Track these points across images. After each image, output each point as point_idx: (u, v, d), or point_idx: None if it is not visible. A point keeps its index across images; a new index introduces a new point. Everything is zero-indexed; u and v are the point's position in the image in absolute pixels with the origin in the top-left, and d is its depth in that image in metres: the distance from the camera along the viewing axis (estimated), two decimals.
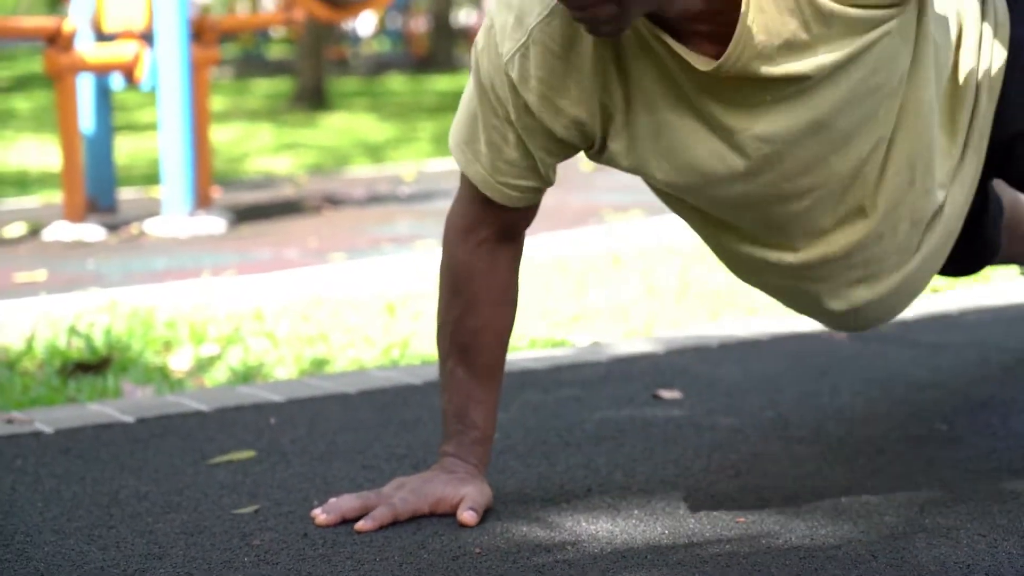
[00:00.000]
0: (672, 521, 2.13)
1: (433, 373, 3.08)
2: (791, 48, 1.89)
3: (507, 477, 2.37)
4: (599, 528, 2.11)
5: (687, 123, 1.99)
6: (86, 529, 2.16)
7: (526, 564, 1.96)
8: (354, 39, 24.44)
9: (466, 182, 2.16)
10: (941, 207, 2.17)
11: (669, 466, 2.42)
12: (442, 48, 21.95)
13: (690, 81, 1.95)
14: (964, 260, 2.40)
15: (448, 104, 14.62)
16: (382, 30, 28.26)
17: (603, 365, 3.22)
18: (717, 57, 1.91)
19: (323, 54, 15.50)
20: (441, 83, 18.15)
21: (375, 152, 10.34)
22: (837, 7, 1.87)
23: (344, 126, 12.58)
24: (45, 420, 2.78)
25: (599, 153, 2.08)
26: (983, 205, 2.33)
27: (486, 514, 2.17)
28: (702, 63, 1.91)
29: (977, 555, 1.95)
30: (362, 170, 9.11)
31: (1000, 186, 2.47)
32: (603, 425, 2.68)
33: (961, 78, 2.13)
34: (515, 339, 3.57)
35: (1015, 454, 2.43)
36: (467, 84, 2.11)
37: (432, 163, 9.30)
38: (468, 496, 2.15)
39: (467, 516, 2.12)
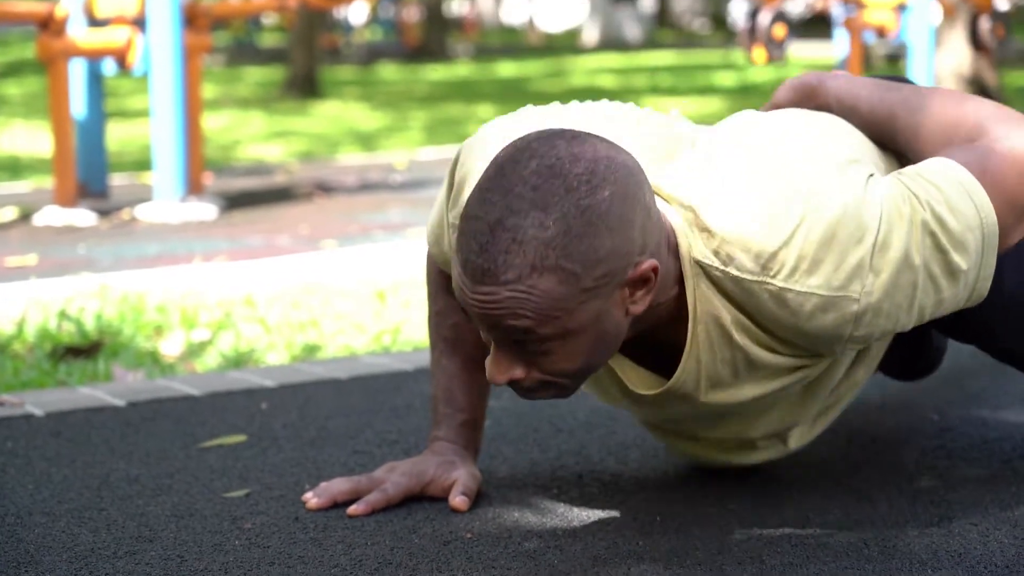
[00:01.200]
0: (663, 508, 2.13)
1: (424, 360, 3.08)
2: (719, 386, 1.96)
3: (499, 463, 2.37)
4: (590, 515, 2.11)
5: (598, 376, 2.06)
6: (77, 511, 2.15)
7: (517, 549, 1.96)
8: (347, 28, 24.39)
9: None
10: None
11: (660, 454, 2.42)
12: (434, 38, 21.95)
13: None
14: (906, 370, 2.49)
15: (440, 93, 14.62)
16: (375, 19, 28.24)
17: None
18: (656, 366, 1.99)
19: (315, 42, 15.47)
20: (433, 72, 18.14)
21: (367, 141, 10.33)
22: (766, 356, 1.92)
23: (336, 114, 12.56)
24: (36, 403, 2.78)
25: None
26: (917, 342, 2.39)
27: (477, 499, 2.17)
28: (641, 385, 1.99)
29: (968, 544, 1.95)
30: (354, 158, 9.10)
31: None
32: (595, 412, 2.68)
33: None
34: None
35: (1006, 444, 2.43)
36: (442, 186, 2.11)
37: (424, 152, 9.29)
38: (459, 481, 2.15)
39: (459, 501, 2.12)
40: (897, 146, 2.06)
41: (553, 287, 1.72)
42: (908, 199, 1.86)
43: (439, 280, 2.23)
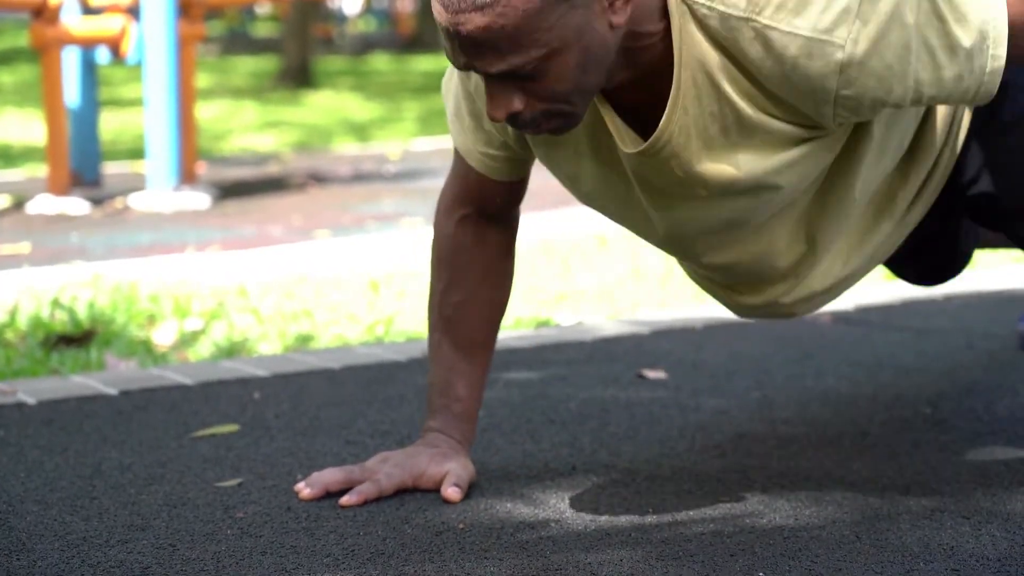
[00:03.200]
0: (656, 500, 2.13)
1: (417, 350, 3.08)
2: (711, 151, 1.90)
3: (492, 454, 2.37)
4: (583, 506, 2.11)
5: (606, 174, 2.02)
6: (69, 500, 2.15)
7: (509, 540, 1.96)
8: (340, 18, 24.37)
9: (456, 155, 2.17)
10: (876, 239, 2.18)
11: (654, 445, 2.42)
12: (428, 28, 21.90)
13: (617, 150, 1.98)
14: (926, 272, 2.42)
15: (434, 84, 14.60)
16: (368, 9, 28.21)
17: (588, 345, 3.21)
18: (645, 137, 1.92)
19: (309, 32, 15.46)
20: (427, 63, 18.12)
21: (360, 131, 10.32)
22: (761, 116, 1.87)
23: (329, 105, 12.56)
24: (28, 391, 2.78)
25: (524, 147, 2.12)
26: (946, 227, 2.32)
27: (470, 490, 2.16)
28: (629, 142, 1.93)
29: (960, 537, 1.96)
30: (347, 148, 9.09)
31: None
32: (588, 404, 2.68)
33: (926, 136, 2.11)
34: None
35: (999, 438, 2.43)
36: None
37: (417, 142, 9.28)
38: (452, 472, 2.15)
39: (451, 492, 2.12)
40: None
41: (528, 2, 1.72)
42: None
43: (440, 256, 2.22)
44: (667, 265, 4.43)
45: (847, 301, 3.56)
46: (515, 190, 2.19)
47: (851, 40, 1.78)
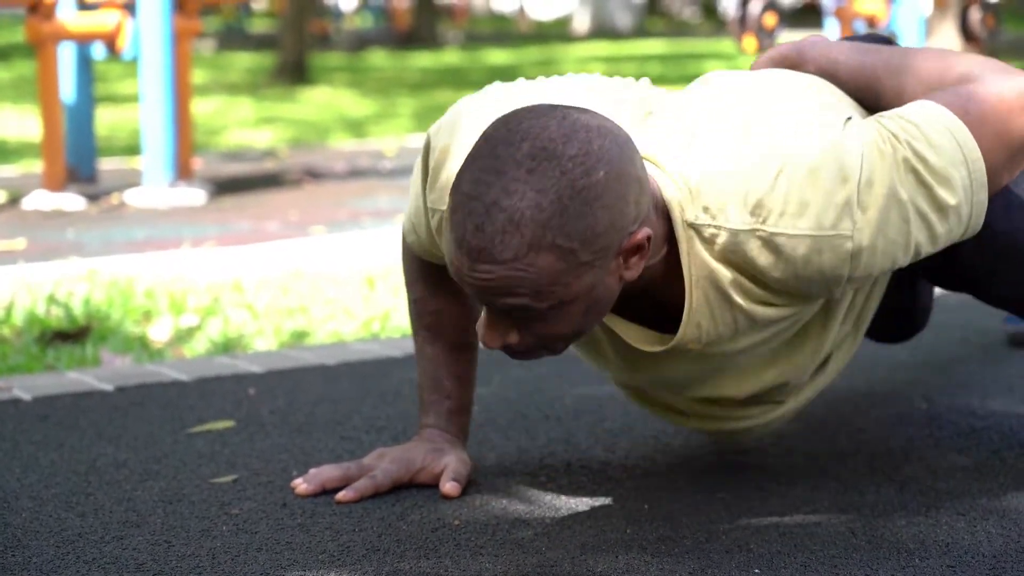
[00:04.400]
0: (651, 496, 2.13)
1: (412, 346, 3.07)
2: (718, 343, 1.96)
3: (487, 450, 2.37)
4: (578, 502, 2.11)
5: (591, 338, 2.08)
6: (64, 496, 2.15)
7: (505, 537, 1.96)
8: (337, 14, 24.33)
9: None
10: (833, 353, 2.21)
11: (649, 442, 2.42)
12: (425, 24, 21.89)
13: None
14: (891, 333, 2.50)
15: (430, 80, 14.59)
16: (365, 5, 28.17)
17: None
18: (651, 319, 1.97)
19: (305, 28, 15.44)
20: (423, 59, 18.10)
21: (356, 127, 10.31)
22: (764, 311, 1.92)
23: (325, 101, 12.54)
24: (24, 387, 2.77)
25: None
26: (908, 297, 2.37)
27: (466, 487, 2.16)
28: (645, 343, 1.98)
29: (956, 533, 1.96)
30: (343, 144, 9.09)
31: None
32: (583, 400, 2.68)
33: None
34: None
35: (994, 434, 2.43)
36: (414, 171, 2.11)
37: (413, 139, 9.27)
38: (449, 467, 2.15)
39: (449, 487, 2.12)
40: (882, 109, 2.05)
41: (551, 264, 1.73)
42: (888, 139, 1.86)
43: (416, 268, 2.22)
44: None
45: None
46: None
47: (857, 229, 1.83)
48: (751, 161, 1.83)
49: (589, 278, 1.77)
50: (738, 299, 1.89)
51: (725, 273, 1.88)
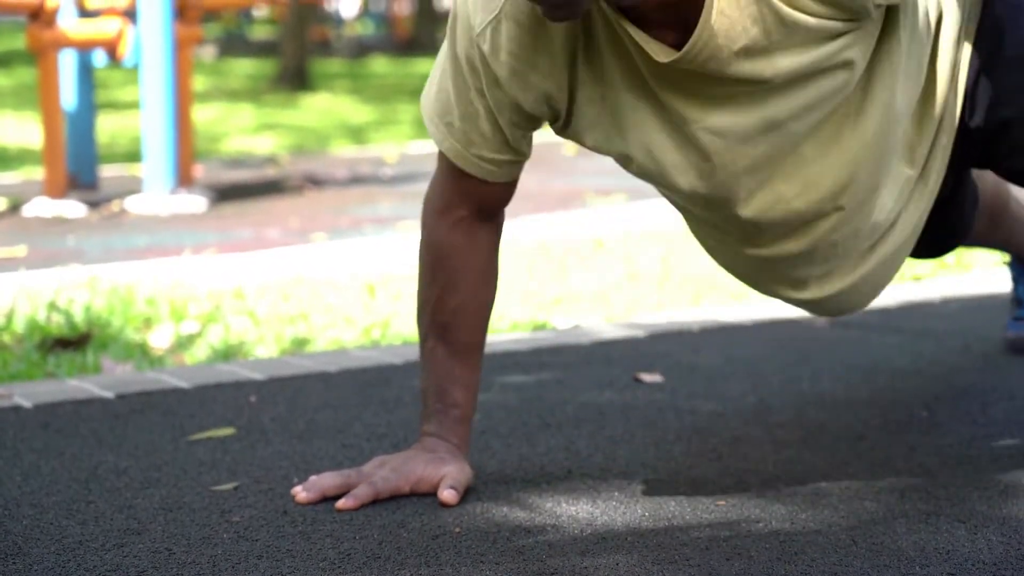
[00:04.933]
0: (652, 504, 2.13)
1: (414, 353, 3.08)
2: (750, 52, 1.90)
3: (488, 458, 2.37)
4: (579, 510, 2.11)
5: (644, 107, 2.00)
6: (65, 504, 2.15)
7: (505, 545, 1.96)
8: (337, 21, 24.37)
9: (443, 158, 2.15)
10: (902, 210, 2.18)
11: (650, 449, 2.42)
12: (425, 31, 21.89)
13: (648, 68, 1.96)
14: (933, 241, 2.41)
15: None
16: (366, 12, 28.20)
17: (585, 348, 3.21)
18: (677, 46, 1.91)
19: (306, 35, 15.46)
20: (424, 66, 18.11)
21: (357, 134, 10.32)
22: (799, 16, 1.87)
23: (326, 107, 12.55)
24: (24, 395, 2.77)
25: (564, 128, 2.08)
26: (955, 190, 2.33)
27: (466, 494, 2.16)
28: (661, 54, 1.92)
29: (956, 541, 1.96)
30: (344, 151, 9.09)
31: (980, 172, 2.47)
32: (584, 408, 2.68)
33: (936, 72, 2.13)
34: (497, 321, 3.57)
35: (995, 441, 2.43)
36: (439, 55, 2.11)
37: (414, 145, 9.28)
38: (448, 475, 2.15)
39: (447, 495, 2.12)
40: None
41: None
42: None
43: (434, 263, 2.21)
44: (664, 267, 4.44)
45: None
46: (509, 191, 2.19)
47: None
48: None
49: None
50: None
51: None
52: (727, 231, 2.18)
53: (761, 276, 2.26)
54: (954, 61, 2.14)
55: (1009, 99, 2.13)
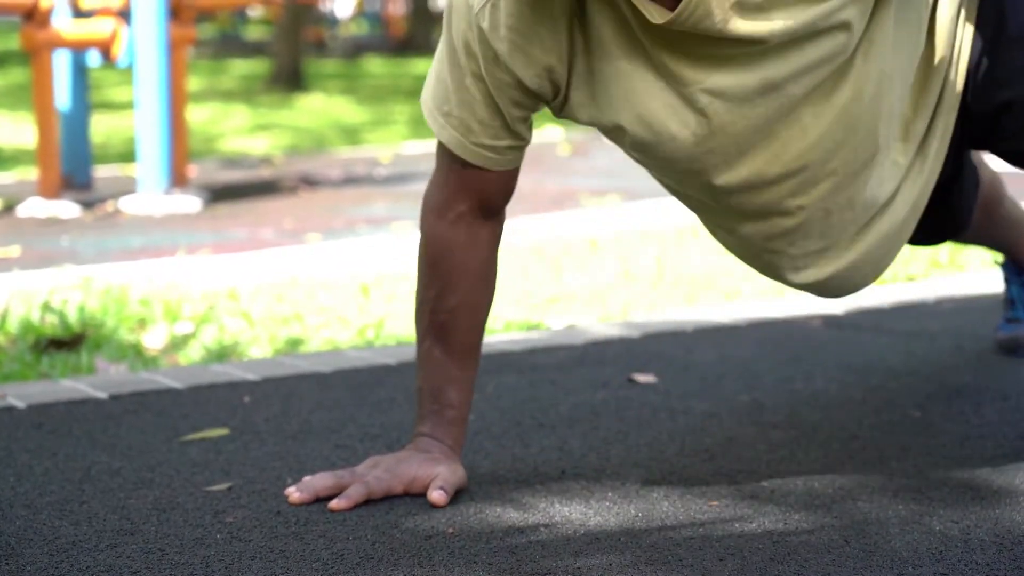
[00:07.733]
0: (645, 504, 2.13)
1: (408, 354, 3.08)
2: (744, 10, 1.91)
3: (481, 458, 2.37)
4: (572, 510, 2.11)
5: (641, 73, 2.01)
6: (58, 504, 2.15)
7: (499, 545, 1.96)
8: (332, 21, 24.36)
9: (442, 150, 2.15)
10: (899, 186, 2.18)
11: (643, 449, 2.42)
12: (420, 31, 21.90)
13: (645, 31, 1.97)
14: (935, 225, 2.42)
15: None
16: (360, 12, 28.19)
17: (579, 348, 3.21)
18: (672, 8, 1.92)
19: (301, 35, 15.46)
20: (419, 66, 18.11)
21: (351, 134, 10.32)
22: None
23: (321, 108, 12.55)
24: (18, 395, 2.77)
25: (563, 104, 2.08)
26: (956, 173, 2.34)
27: (460, 495, 2.16)
28: (657, 15, 1.92)
29: (949, 541, 1.96)
30: (339, 151, 9.09)
31: (980, 162, 2.48)
32: (578, 408, 2.68)
33: (935, 49, 2.14)
34: (491, 321, 3.57)
35: (988, 442, 2.43)
36: (437, 50, 2.11)
37: (409, 145, 9.28)
38: (440, 476, 2.15)
39: (436, 496, 2.12)
40: None
41: None
42: None
43: (433, 260, 2.20)
44: (658, 267, 4.44)
45: (837, 305, 3.57)
46: (511, 182, 2.18)
47: None
48: None
49: None
50: None
51: None
52: (729, 211, 2.18)
53: (763, 257, 2.26)
54: (952, 36, 2.14)
55: (1012, 80, 2.14)
